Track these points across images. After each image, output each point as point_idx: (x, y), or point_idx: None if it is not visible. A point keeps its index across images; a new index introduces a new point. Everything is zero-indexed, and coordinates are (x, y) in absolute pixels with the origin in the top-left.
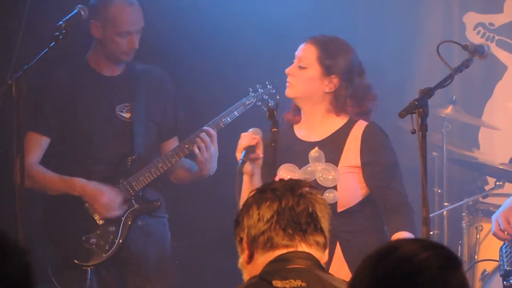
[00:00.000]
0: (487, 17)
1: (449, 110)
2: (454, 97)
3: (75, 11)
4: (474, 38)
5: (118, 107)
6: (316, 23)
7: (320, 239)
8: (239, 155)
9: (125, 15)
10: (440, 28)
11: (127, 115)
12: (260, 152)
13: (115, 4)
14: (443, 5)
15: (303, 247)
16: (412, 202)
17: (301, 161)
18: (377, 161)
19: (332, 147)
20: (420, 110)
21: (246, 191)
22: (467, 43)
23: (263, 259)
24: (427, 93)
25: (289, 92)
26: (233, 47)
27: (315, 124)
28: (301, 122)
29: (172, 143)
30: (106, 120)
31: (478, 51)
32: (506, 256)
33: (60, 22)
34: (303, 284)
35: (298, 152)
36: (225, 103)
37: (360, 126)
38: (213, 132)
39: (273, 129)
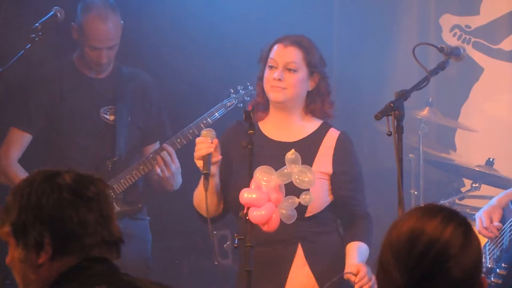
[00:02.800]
0: (464, 19)
1: (425, 112)
2: (430, 99)
3: (51, 13)
4: (451, 40)
5: (103, 109)
6: (291, 23)
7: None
8: (199, 163)
9: (96, 31)
10: (416, 30)
11: (111, 117)
12: (218, 154)
13: (90, 16)
14: (419, 7)
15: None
16: (389, 204)
17: (276, 161)
18: (347, 172)
19: (306, 151)
20: (396, 112)
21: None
22: (443, 45)
23: (72, 262)
24: (403, 95)
25: (279, 96)
26: (214, 49)
27: (287, 125)
28: (266, 119)
29: (154, 148)
30: (90, 121)
31: (453, 53)
32: (489, 254)
33: (36, 24)
34: None
35: (271, 152)
36: (207, 105)
37: (334, 134)
38: (171, 150)
39: (249, 131)
